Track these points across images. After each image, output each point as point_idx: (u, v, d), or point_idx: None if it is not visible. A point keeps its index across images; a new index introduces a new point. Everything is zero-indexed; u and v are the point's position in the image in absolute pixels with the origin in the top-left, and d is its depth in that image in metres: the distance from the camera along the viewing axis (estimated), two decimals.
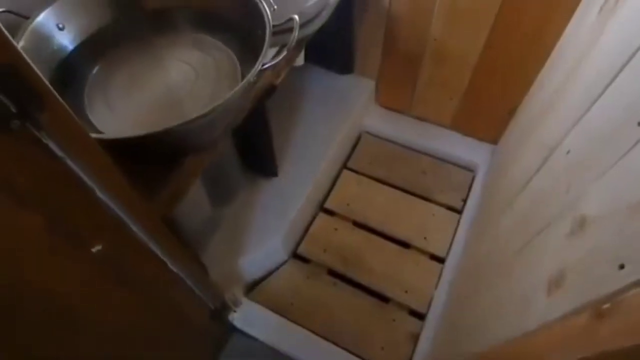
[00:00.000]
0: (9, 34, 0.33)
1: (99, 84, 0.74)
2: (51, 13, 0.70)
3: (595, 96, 0.54)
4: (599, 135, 0.49)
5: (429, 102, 1.30)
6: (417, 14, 1.08)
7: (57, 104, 0.37)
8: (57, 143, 0.39)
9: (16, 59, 0.33)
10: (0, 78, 0.32)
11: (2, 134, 0.34)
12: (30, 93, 0.35)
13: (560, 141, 0.62)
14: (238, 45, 0.77)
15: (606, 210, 0.38)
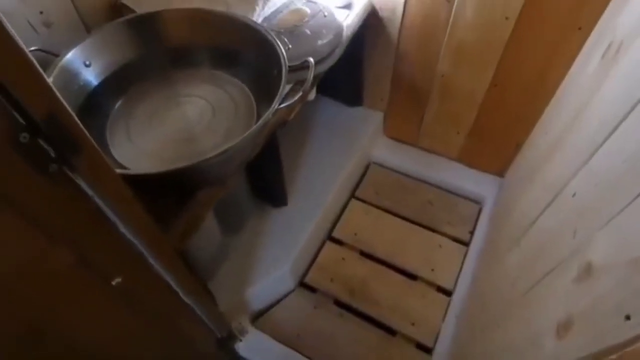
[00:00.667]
0: (52, 85, 0.35)
1: (121, 118, 0.77)
2: (79, 51, 0.74)
3: (598, 143, 0.56)
4: (604, 182, 0.51)
5: (436, 135, 1.33)
6: (424, 52, 1.12)
7: (91, 148, 0.40)
8: (88, 183, 0.41)
9: (59, 109, 0.36)
10: (43, 126, 0.35)
11: (41, 177, 0.36)
12: (68, 139, 0.37)
13: (566, 183, 0.64)
14: (254, 83, 0.80)
15: (612, 260, 0.40)
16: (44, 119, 0.35)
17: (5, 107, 0.32)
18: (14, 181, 0.35)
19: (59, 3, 0.82)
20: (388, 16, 1.09)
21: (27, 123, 0.34)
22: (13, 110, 0.33)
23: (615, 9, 0.77)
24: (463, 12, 0.98)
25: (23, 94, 0.33)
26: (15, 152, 0.34)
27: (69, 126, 0.37)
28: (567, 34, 0.89)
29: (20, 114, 0.33)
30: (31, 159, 0.35)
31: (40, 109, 0.34)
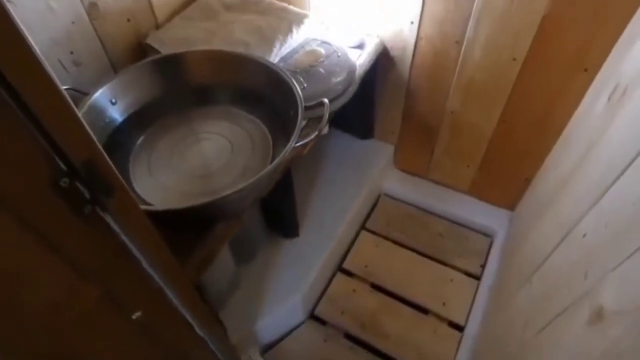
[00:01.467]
0: (91, 132, 0.38)
1: (143, 152, 0.81)
2: (107, 90, 0.79)
3: (607, 184, 0.57)
4: (614, 224, 0.52)
5: (446, 168, 1.34)
6: (435, 89, 1.15)
7: (122, 189, 0.42)
8: (117, 221, 0.44)
9: (96, 154, 0.39)
10: (82, 171, 0.38)
11: (76, 218, 0.39)
12: (103, 182, 0.40)
13: (577, 222, 0.64)
14: (271, 121, 0.84)
15: (623, 305, 0.40)
16: (83, 164, 0.37)
17: (50, 153, 0.35)
18: (52, 222, 0.38)
19: (89, 44, 0.88)
20: (399, 55, 1.13)
21: (67, 168, 0.37)
22: (56, 157, 0.36)
23: (620, 53, 0.80)
24: (472, 53, 1.01)
25: (66, 141, 0.36)
26: (55, 196, 0.36)
27: (104, 170, 0.40)
28: (574, 75, 0.92)
29: (62, 160, 0.36)
30: (69, 202, 0.37)
31: (80, 155, 0.37)
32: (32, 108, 0.32)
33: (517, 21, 0.90)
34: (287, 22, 1.00)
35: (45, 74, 0.32)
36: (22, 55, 0.31)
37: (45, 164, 0.35)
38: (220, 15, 1.05)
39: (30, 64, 0.32)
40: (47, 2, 0.78)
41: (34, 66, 0.32)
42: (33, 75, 0.32)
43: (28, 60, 0.31)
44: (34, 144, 0.34)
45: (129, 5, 0.92)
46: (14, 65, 0.31)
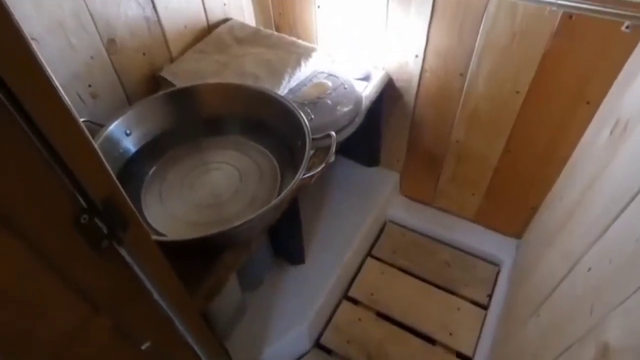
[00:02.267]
0: (111, 170, 0.40)
1: (155, 182, 0.83)
2: (121, 122, 0.82)
3: (610, 219, 0.58)
4: (617, 260, 0.52)
5: (452, 196, 1.35)
6: (439, 118, 1.17)
7: (137, 223, 0.44)
8: (131, 254, 0.45)
9: (115, 191, 0.41)
10: (101, 207, 0.39)
11: (94, 252, 0.41)
12: (120, 217, 0.42)
13: (581, 256, 0.65)
14: (279, 152, 0.86)
15: (628, 343, 0.41)
16: (102, 200, 0.39)
17: (72, 192, 0.37)
18: (70, 257, 0.39)
19: (106, 77, 0.92)
20: (404, 86, 1.16)
21: (87, 205, 0.38)
22: (78, 195, 0.38)
23: (620, 87, 0.82)
24: (476, 85, 1.04)
25: (88, 180, 0.38)
26: (75, 232, 0.38)
27: (122, 205, 0.41)
28: (576, 107, 0.94)
29: (83, 198, 0.38)
30: (88, 237, 0.39)
31: (100, 193, 0.39)
32: (58, 150, 0.35)
33: (518, 57, 0.93)
34: (296, 56, 1.03)
35: (73, 118, 0.35)
36: (51, 102, 0.34)
37: (68, 202, 0.37)
38: (232, 48, 1.09)
39: (58, 110, 0.34)
40: (69, 39, 0.82)
41: (62, 111, 0.34)
42: (60, 120, 0.34)
43: (56, 106, 0.34)
44: (59, 183, 0.36)
45: (145, 41, 0.97)
46: (42, 111, 0.33)
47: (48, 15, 0.78)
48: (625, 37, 0.78)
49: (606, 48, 0.82)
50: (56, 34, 0.80)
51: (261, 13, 1.24)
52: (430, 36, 1.02)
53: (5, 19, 0.28)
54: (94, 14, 0.84)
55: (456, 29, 0.97)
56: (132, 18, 0.91)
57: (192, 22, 1.07)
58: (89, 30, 0.85)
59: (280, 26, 1.25)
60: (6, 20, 0.28)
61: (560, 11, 0.82)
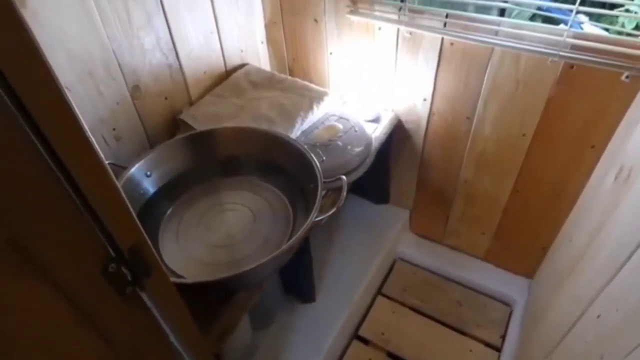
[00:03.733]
0: (137, 220, 0.44)
1: (172, 222, 0.86)
2: (143, 164, 0.86)
3: (617, 266, 0.59)
4: (625, 308, 0.53)
5: (462, 235, 1.36)
6: (448, 159, 1.20)
7: (159, 270, 0.47)
8: (152, 299, 0.48)
9: (141, 240, 0.44)
10: (128, 256, 0.42)
11: (118, 298, 0.43)
12: (144, 265, 0.44)
13: (591, 302, 0.65)
14: (292, 193, 0.89)
15: None
16: (129, 249, 0.42)
17: (102, 242, 0.40)
18: (96, 303, 0.42)
19: (129, 121, 0.97)
20: (413, 128, 1.20)
21: (116, 254, 0.41)
22: (108, 244, 0.41)
23: (623, 133, 0.84)
24: (482, 128, 1.07)
25: (117, 230, 0.41)
26: (104, 280, 0.41)
27: (146, 254, 0.44)
28: (582, 151, 0.96)
29: (112, 247, 0.41)
30: (114, 285, 0.42)
31: (127, 242, 0.42)
32: (92, 202, 0.38)
33: (523, 102, 0.96)
34: (309, 100, 1.08)
35: (107, 173, 0.38)
36: (88, 158, 0.37)
37: (98, 252, 0.40)
38: (248, 92, 1.15)
39: (94, 166, 0.37)
40: (98, 87, 0.88)
41: (98, 167, 0.37)
42: (95, 175, 0.38)
43: (92, 163, 0.37)
44: (91, 234, 0.39)
45: (167, 86, 1.03)
46: (80, 167, 0.36)
47: (80, 65, 0.84)
48: (625, 87, 0.81)
49: (608, 96, 0.85)
50: (86, 83, 0.86)
51: (276, 58, 1.31)
52: (437, 81, 1.06)
53: (47, 78, 0.32)
54: (122, 63, 0.90)
55: (462, 76, 1.01)
56: (156, 66, 0.98)
57: (211, 67, 1.13)
58: (116, 78, 0.91)
59: (294, 70, 1.31)
60: (48, 78, 0.32)
61: (562, 62, 0.86)
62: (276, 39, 1.26)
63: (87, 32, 0.81)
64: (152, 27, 0.93)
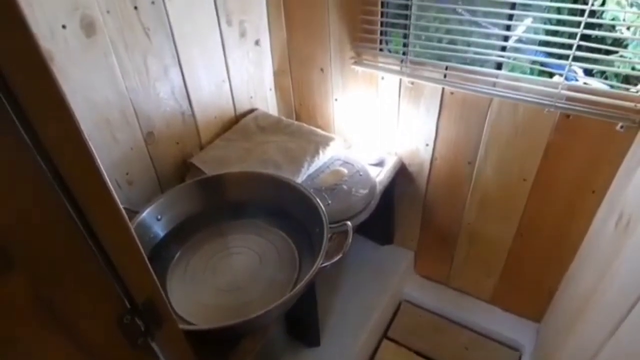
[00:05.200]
0: (153, 273, 0.45)
1: (180, 265, 0.88)
2: (154, 208, 0.89)
3: (621, 316, 0.59)
4: (633, 358, 0.53)
5: (468, 277, 1.36)
6: (451, 201, 1.22)
7: (171, 321, 0.48)
8: (162, 348, 0.49)
9: (155, 292, 0.45)
10: (142, 308, 0.44)
11: (132, 350, 0.44)
12: (157, 316, 0.46)
13: (597, 352, 0.65)
14: (298, 237, 0.91)
15: None
16: (144, 302, 0.44)
17: (119, 294, 0.42)
18: (109, 353, 0.43)
19: (142, 165, 1.01)
20: (416, 171, 1.23)
21: (131, 306, 0.43)
22: (124, 297, 0.43)
23: (622, 180, 0.86)
24: (484, 172, 1.10)
25: (134, 283, 0.43)
26: (118, 331, 0.42)
27: (160, 306, 0.46)
28: (583, 196, 0.98)
29: (127, 299, 0.43)
30: (128, 336, 0.43)
31: (142, 295, 0.44)
32: (112, 257, 0.40)
33: (522, 147, 1.00)
34: (314, 144, 1.12)
35: (128, 229, 0.41)
36: (113, 217, 0.40)
37: (114, 304, 0.42)
38: (256, 136, 1.19)
39: (117, 223, 0.40)
40: (113, 133, 0.92)
41: (120, 223, 0.40)
42: (118, 233, 0.40)
43: (116, 219, 0.40)
44: (108, 287, 0.41)
45: (179, 131, 1.07)
46: (103, 225, 0.39)
47: (97, 112, 0.88)
48: (620, 136, 0.84)
49: (604, 144, 0.88)
50: (103, 129, 0.90)
51: (283, 103, 1.36)
52: (439, 128, 1.10)
53: (80, 148, 0.35)
54: (138, 111, 0.95)
55: (463, 123, 1.05)
56: (169, 113, 1.03)
57: (222, 113, 1.18)
58: (131, 125, 0.95)
59: (300, 115, 1.36)
60: (78, 140, 0.35)
61: (558, 111, 0.89)
62: (284, 86, 1.32)
63: (108, 83, 0.87)
64: (168, 78, 0.98)
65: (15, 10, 0.28)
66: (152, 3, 0.88)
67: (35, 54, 0.30)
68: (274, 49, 1.25)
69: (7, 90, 0.30)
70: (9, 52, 0.29)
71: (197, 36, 1.01)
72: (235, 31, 1.11)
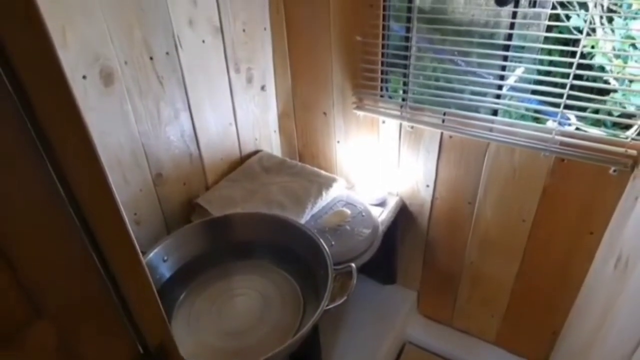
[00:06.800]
0: (167, 319, 0.47)
1: (185, 307, 0.88)
2: (161, 249, 0.90)
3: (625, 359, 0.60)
4: None
5: (471, 317, 1.35)
6: (453, 241, 1.24)
7: None
8: None
9: (167, 337, 0.47)
10: (154, 352, 0.45)
11: None
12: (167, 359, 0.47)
13: None
14: (302, 278, 0.92)
15: None
16: (156, 347, 0.45)
17: (133, 339, 0.43)
18: None
19: (149, 205, 1.03)
20: (417, 210, 1.25)
21: (144, 351, 0.44)
22: (137, 342, 0.44)
23: (619, 221, 0.88)
24: (484, 212, 1.12)
25: (148, 329, 0.44)
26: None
27: (172, 352, 0.47)
28: (581, 237, 0.99)
29: (141, 344, 0.44)
30: None
31: (156, 340, 0.45)
32: (129, 303, 0.42)
33: (520, 189, 1.02)
34: (318, 185, 1.15)
35: (146, 277, 0.43)
36: (131, 262, 0.42)
37: (128, 349, 0.43)
38: (260, 177, 1.22)
39: (137, 272, 0.42)
40: (124, 175, 0.95)
41: (139, 272, 0.42)
42: (136, 279, 0.42)
43: (137, 271, 0.42)
44: (124, 332, 0.42)
45: (187, 172, 1.10)
46: (122, 271, 0.41)
47: (109, 154, 0.91)
48: (614, 179, 0.87)
49: (599, 187, 0.91)
50: (114, 171, 0.93)
51: (287, 144, 1.41)
52: (439, 170, 1.13)
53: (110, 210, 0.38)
54: (149, 153, 0.98)
55: (462, 165, 1.09)
56: (178, 155, 1.06)
57: (228, 154, 1.22)
58: (142, 167, 0.98)
59: (303, 155, 1.40)
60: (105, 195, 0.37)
61: (553, 156, 0.93)
62: (288, 128, 1.37)
63: (121, 128, 0.90)
64: (178, 122, 1.02)
65: (64, 83, 0.32)
66: (166, 54, 0.94)
67: (74, 112, 0.33)
68: (279, 93, 1.31)
69: (47, 145, 0.32)
70: (52, 109, 0.32)
71: (207, 83, 1.07)
72: (243, 78, 1.17)
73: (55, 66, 0.31)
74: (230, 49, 1.10)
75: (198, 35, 1.01)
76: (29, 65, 0.29)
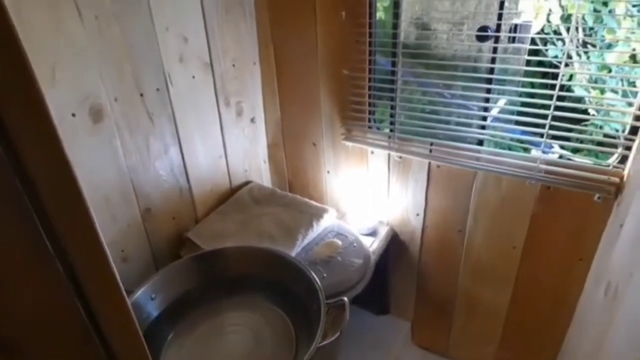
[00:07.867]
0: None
1: (172, 349, 0.86)
2: (148, 287, 0.88)
3: None
4: None
5: (466, 347, 1.33)
6: (445, 269, 1.23)
7: None
8: None
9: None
10: None
11: None
12: None
13: None
14: (294, 313, 0.90)
15: None
16: None
17: None
18: None
19: (138, 241, 1.01)
20: (408, 239, 1.25)
21: None
22: None
23: (606, 248, 0.89)
24: (475, 240, 1.12)
25: None
26: None
27: None
28: (571, 263, 1.00)
29: None
30: None
31: None
32: (113, 351, 0.40)
33: (509, 217, 1.04)
34: (309, 216, 1.15)
35: (135, 331, 0.42)
36: (123, 324, 0.41)
37: None
38: (250, 208, 1.22)
39: (125, 323, 0.41)
40: (112, 211, 0.94)
41: (127, 323, 0.41)
42: (125, 331, 0.41)
43: (124, 323, 0.41)
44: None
45: (176, 206, 1.09)
46: (113, 325, 0.40)
47: (96, 190, 0.90)
48: (598, 206, 0.89)
49: (585, 214, 0.93)
50: (101, 208, 0.92)
51: (277, 175, 1.41)
52: (428, 199, 1.14)
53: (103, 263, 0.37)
54: (137, 188, 0.98)
55: (451, 194, 1.10)
56: (167, 189, 1.05)
57: (217, 186, 1.22)
58: (130, 203, 0.97)
59: (293, 185, 1.40)
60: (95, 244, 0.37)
61: (539, 184, 0.95)
62: (277, 158, 1.38)
63: (110, 164, 0.90)
64: (168, 157, 1.02)
65: (49, 124, 0.32)
66: (157, 90, 0.95)
67: (62, 161, 0.33)
68: (268, 125, 1.32)
69: (37, 199, 0.32)
70: (40, 161, 0.32)
71: (197, 117, 1.08)
72: (232, 111, 1.18)
73: (40, 104, 0.30)
74: (220, 84, 1.11)
75: (188, 71, 1.02)
76: (11, 107, 0.29)
